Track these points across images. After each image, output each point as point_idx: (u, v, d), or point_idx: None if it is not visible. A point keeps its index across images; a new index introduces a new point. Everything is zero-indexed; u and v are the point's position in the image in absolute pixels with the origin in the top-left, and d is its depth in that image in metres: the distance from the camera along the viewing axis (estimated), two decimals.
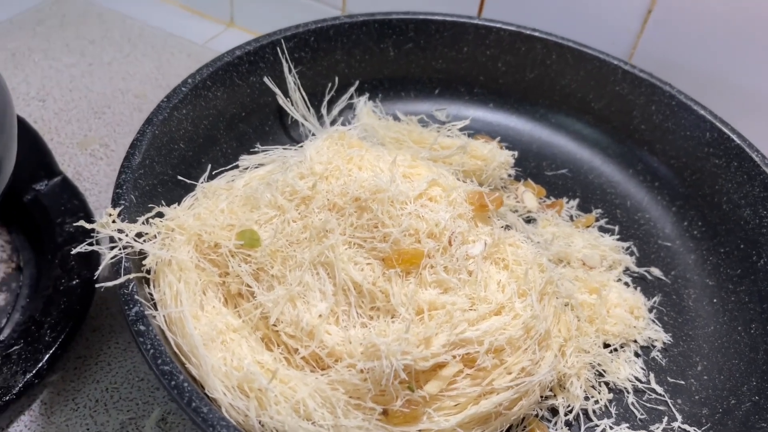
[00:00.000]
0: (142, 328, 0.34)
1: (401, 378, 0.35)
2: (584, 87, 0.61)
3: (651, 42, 0.63)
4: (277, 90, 0.55)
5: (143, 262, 0.39)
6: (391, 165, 0.43)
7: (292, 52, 0.56)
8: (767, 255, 0.48)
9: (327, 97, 0.59)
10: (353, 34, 0.59)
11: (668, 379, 0.45)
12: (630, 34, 0.64)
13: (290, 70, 0.56)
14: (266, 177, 0.45)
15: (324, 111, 0.59)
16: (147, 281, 0.39)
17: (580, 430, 0.42)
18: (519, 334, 0.38)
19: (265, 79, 0.54)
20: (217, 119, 0.52)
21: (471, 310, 0.39)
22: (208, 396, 0.35)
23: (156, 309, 0.38)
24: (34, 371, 0.44)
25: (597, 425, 0.42)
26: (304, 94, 0.56)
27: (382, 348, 0.35)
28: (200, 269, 0.39)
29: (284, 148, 0.47)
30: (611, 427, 0.42)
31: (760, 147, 0.53)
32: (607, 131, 0.60)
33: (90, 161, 0.63)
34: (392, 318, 0.38)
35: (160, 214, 0.41)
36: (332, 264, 0.39)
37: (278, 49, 0.55)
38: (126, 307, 0.35)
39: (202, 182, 0.44)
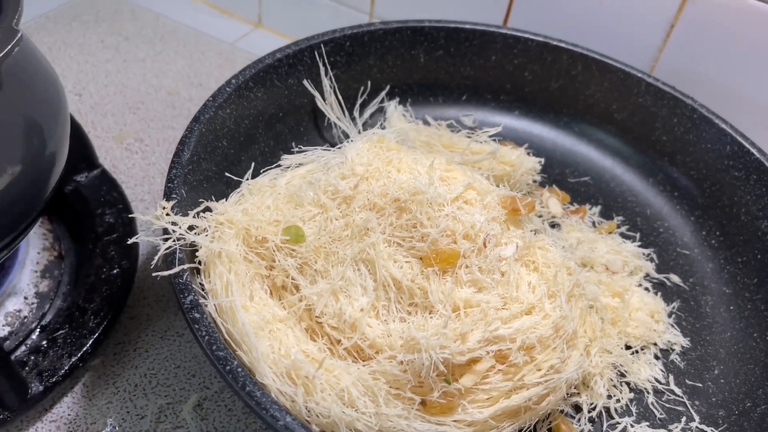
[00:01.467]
0: (197, 315, 0.36)
1: (439, 371, 0.37)
2: (608, 98, 0.62)
3: (673, 55, 0.65)
4: (315, 92, 0.57)
5: (195, 254, 0.41)
6: (429, 168, 0.44)
7: (328, 56, 0.58)
8: None
9: (359, 101, 0.61)
10: (387, 40, 0.61)
11: (686, 381, 0.47)
12: (652, 48, 0.65)
13: (326, 73, 0.58)
14: (307, 176, 0.47)
15: (356, 113, 0.61)
16: (197, 271, 0.41)
17: (602, 427, 0.44)
18: (549, 333, 0.40)
19: (305, 82, 0.56)
20: (257, 119, 0.54)
21: (503, 309, 0.41)
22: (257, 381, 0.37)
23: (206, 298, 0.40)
24: (78, 355, 0.46)
25: (618, 423, 0.44)
26: (339, 96, 0.58)
27: (422, 342, 0.37)
28: (248, 261, 0.41)
29: (323, 149, 0.49)
30: (632, 425, 0.44)
31: None
32: (629, 141, 0.62)
33: (125, 155, 0.65)
34: (430, 314, 0.40)
35: (209, 209, 0.43)
36: (373, 261, 0.41)
37: (316, 52, 0.57)
38: (181, 296, 0.37)
39: (247, 179, 0.46)
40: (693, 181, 0.59)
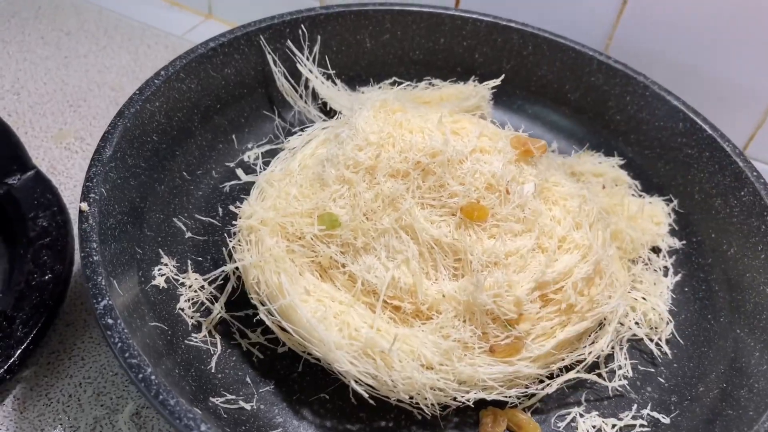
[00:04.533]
0: (110, 321, 0.34)
1: (500, 320, 0.40)
2: (560, 77, 0.61)
3: (626, 33, 0.63)
4: (276, 70, 0.56)
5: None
6: (439, 124, 0.45)
7: (268, 43, 0.56)
8: (737, 244, 0.49)
9: (309, 89, 0.59)
10: (329, 25, 0.59)
11: (639, 367, 0.45)
12: (606, 25, 0.64)
13: (275, 63, 0.56)
14: (316, 153, 0.48)
15: (306, 100, 0.59)
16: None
17: (551, 418, 0.42)
18: (590, 271, 0.43)
19: (268, 57, 0.56)
20: (191, 111, 0.52)
21: (539, 248, 0.43)
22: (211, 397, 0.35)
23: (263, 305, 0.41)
24: (5, 367, 0.44)
25: (568, 413, 0.43)
26: (291, 81, 0.57)
27: (482, 298, 0.39)
28: (291, 252, 0.42)
29: (323, 127, 0.50)
30: (581, 415, 0.42)
31: (731, 135, 0.53)
32: (584, 122, 0.61)
33: (65, 155, 0.63)
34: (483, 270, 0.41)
35: (233, 215, 0.45)
36: (412, 227, 0.42)
37: (254, 39, 0.55)
38: (94, 301, 0.35)
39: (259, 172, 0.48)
40: (648, 161, 0.57)
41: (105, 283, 0.36)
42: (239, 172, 0.53)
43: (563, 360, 0.42)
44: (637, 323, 0.46)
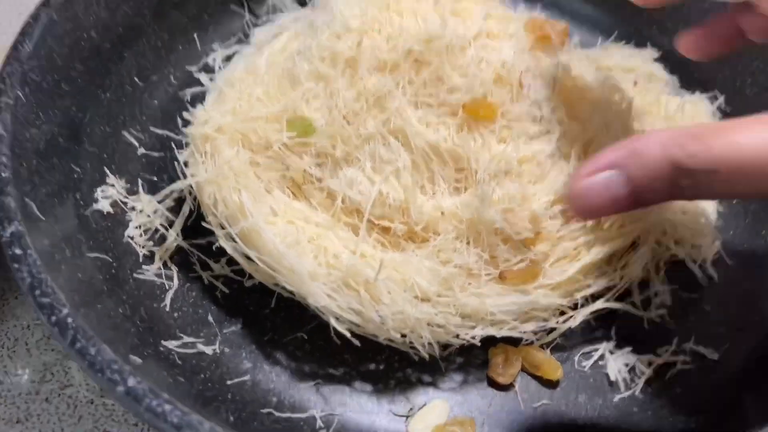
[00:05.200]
0: (17, 252, 0.28)
1: (512, 240, 0.35)
2: None
3: None
4: None
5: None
6: (435, 5, 0.39)
7: None
8: None
9: None
10: None
11: (680, 293, 0.40)
12: None
13: None
14: (289, 47, 0.42)
15: None
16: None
17: (574, 356, 0.37)
18: None
19: None
20: (141, 4, 0.45)
21: (558, 152, 0.38)
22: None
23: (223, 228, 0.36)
24: None
25: (595, 349, 0.37)
26: None
27: (489, 214, 0.35)
28: (256, 165, 0.37)
29: (296, 16, 0.44)
30: (611, 352, 0.37)
31: None
32: (610, 8, 0.53)
33: None
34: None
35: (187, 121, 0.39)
36: (404, 131, 0.37)
37: None
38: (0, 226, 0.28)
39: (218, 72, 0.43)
40: None
41: (16, 204, 0.29)
42: (202, 77, 0.46)
43: (589, 287, 0.38)
44: (676, 242, 0.41)
